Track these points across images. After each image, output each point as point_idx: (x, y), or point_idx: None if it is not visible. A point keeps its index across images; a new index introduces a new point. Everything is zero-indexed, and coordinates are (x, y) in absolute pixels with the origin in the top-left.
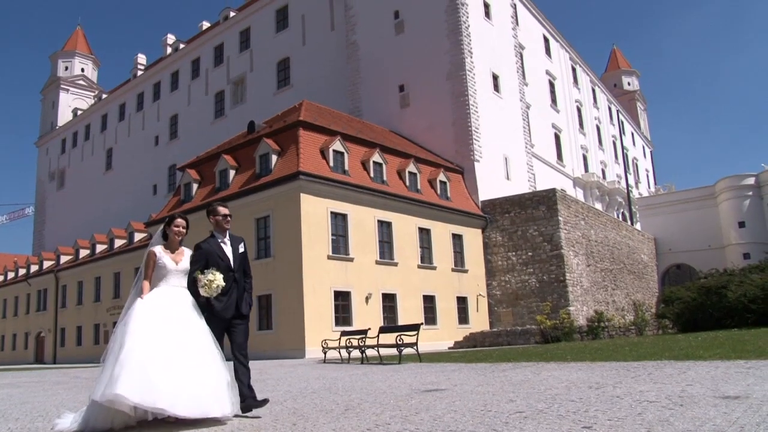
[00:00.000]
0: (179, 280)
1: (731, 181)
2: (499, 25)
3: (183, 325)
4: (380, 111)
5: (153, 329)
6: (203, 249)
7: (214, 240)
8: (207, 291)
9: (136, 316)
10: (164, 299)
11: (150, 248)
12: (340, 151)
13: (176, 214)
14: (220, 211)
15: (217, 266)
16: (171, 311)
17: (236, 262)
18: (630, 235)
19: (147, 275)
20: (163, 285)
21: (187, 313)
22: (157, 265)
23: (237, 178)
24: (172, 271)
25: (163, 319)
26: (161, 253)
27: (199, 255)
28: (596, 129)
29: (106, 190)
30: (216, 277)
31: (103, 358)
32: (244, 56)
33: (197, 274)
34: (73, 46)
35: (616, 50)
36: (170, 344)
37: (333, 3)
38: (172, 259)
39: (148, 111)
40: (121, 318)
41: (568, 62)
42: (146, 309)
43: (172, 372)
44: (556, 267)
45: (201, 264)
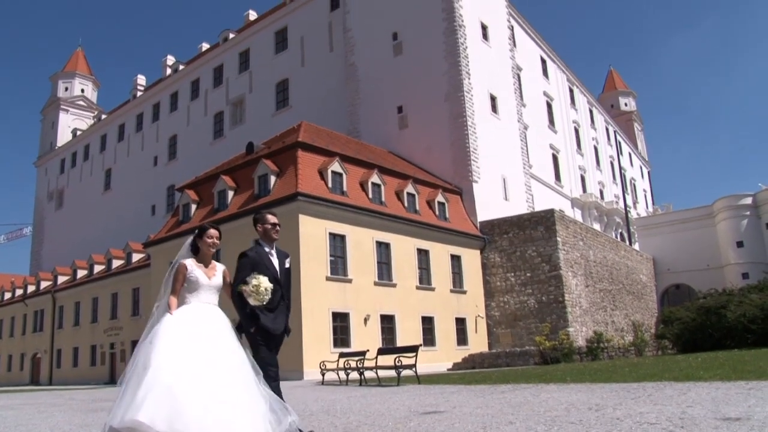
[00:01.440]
0: (211, 296)
1: (729, 201)
2: (497, 46)
3: (216, 345)
4: (379, 132)
5: (182, 349)
6: (249, 257)
7: (261, 249)
8: (256, 298)
9: (163, 333)
10: (195, 316)
11: (179, 261)
12: (339, 172)
13: (207, 224)
14: (269, 219)
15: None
16: (203, 329)
17: (283, 277)
18: (628, 255)
19: (175, 290)
20: (193, 301)
21: (220, 332)
22: (187, 279)
23: (235, 198)
24: (204, 286)
25: (194, 338)
26: (193, 266)
27: (244, 264)
28: (594, 149)
29: (104, 210)
30: (261, 280)
31: (122, 379)
32: (243, 77)
33: (241, 286)
34: (74, 67)
35: (613, 71)
36: (201, 365)
37: (332, 25)
38: (204, 273)
39: (147, 131)
40: (144, 336)
41: (566, 83)
42: (175, 326)
43: (202, 396)
44: (555, 288)
45: (246, 274)
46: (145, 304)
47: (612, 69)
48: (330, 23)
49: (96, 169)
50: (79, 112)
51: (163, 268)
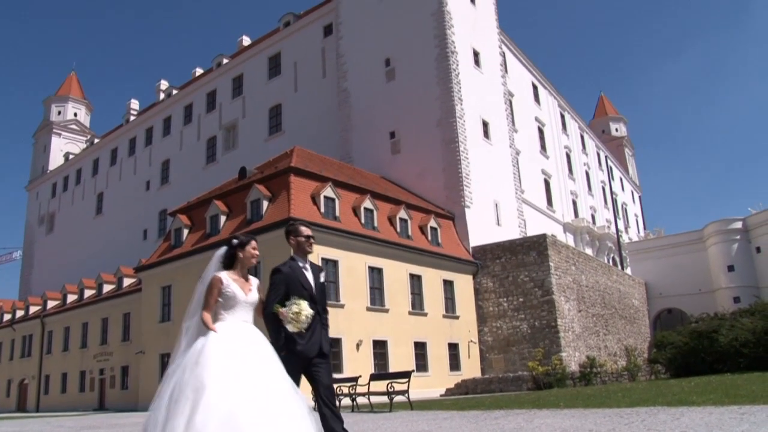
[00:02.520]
0: (248, 314)
1: (719, 226)
2: (489, 72)
3: (267, 368)
4: (371, 157)
5: (236, 371)
6: (284, 273)
7: (295, 264)
8: (296, 325)
9: (213, 353)
10: (241, 335)
11: (214, 274)
12: (331, 198)
13: (247, 235)
14: (303, 231)
15: (299, 295)
16: (251, 350)
17: (318, 293)
18: (621, 279)
19: (209, 305)
20: (229, 318)
21: (266, 352)
22: (223, 294)
23: (228, 223)
24: (241, 302)
25: (246, 360)
26: (229, 280)
27: (278, 280)
28: (585, 174)
29: (95, 234)
30: (302, 307)
31: (159, 403)
32: (236, 102)
33: (277, 307)
34: (67, 91)
35: (604, 97)
36: (257, 390)
37: (325, 51)
38: (241, 288)
39: (139, 156)
40: (180, 355)
41: (557, 109)
42: (225, 346)
43: (262, 423)
44: (548, 312)
45: (281, 292)
46: (135, 329)
47: (603, 95)
48: (323, 49)
49: (88, 193)
50: (72, 136)
51: (155, 293)
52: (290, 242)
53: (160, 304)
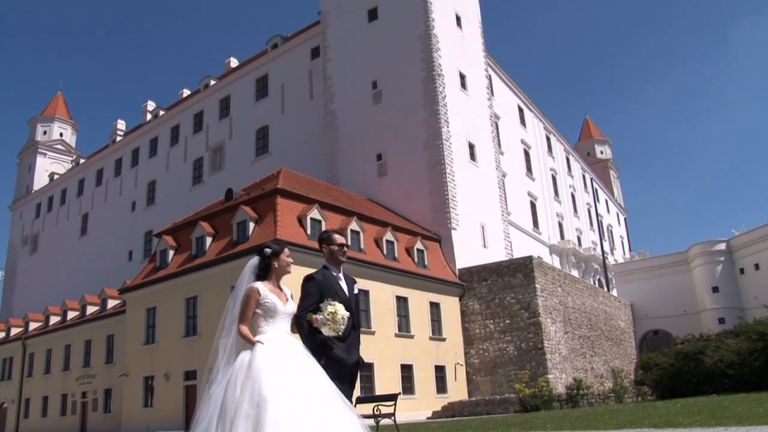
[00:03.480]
0: (286, 325)
1: (703, 247)
2: (475, 95)
3: (316, 378)
4: (358, 179)
5: (294, 384)
6: (316, 281)
7: (328, 272)
8: (332, 327)
9: (266, 366)
10: (286, 346)
11: (250, 284)
12: (318, 219)
13: (277, 242)
14: (336, 239)
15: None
16: (299, 361)
17: (353, 305)
18: (607, 301)
19: (245, 317)
20: (270, 330)
21: (313, 364)
22: (261, 305)
23: (214, 245)
24: (281, 313)
25: (297, 370)
26: (266, 290)
27: (311, 289)
28: (571, 197)
29: (80, 255)
30: (337, 307)
31: (204, 428)
32: (223, 124)
33: (309, 315)
34: (53, 111)
35: (589, 120)
36: (316, 403)
37: (312, 73)
38: (279, 298)
39: (126, 176)
40: (222, 373)
41: (543, 132)
42: (275, 357)
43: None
44: (534, 335)
45: (314, 300)
46: (119, 351)
47: (588, 117)
48: (310, 71)
49: (72, 214)
50: (57, 156)
51: (139, 315)
52: (323, 251)
53: (145, 326)
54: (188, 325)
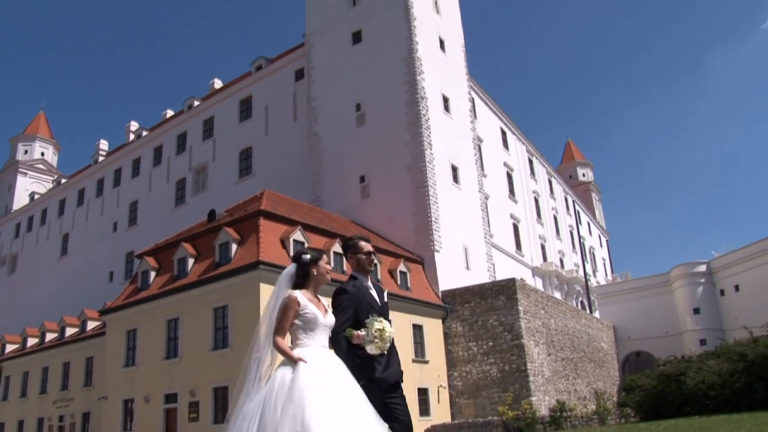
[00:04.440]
0: (325, 338)
1: (684, 269)
2: (458, 118)
3: (358, 401)
4: (341, 201)
5: (337, 407)
6: (350, 294)
7: (359, 283)
8: (379, 345)
9: (309, 386)
10: (328, 364)
11: (288, 293)
12: (301, 241)
13: (315, 249)
14: (363, 247)
15: (367, 317)
16: (341, 381)
17: (386, 315)
18: (589, 323)
19: (282, 329)
20: (310, 343)
21: (357, 390)
22: (301, 316)
23: (196, 266)
24: (321, 325)
25: (343, 395)
26: (305, 300)
27: (345, 301)
28: (554, 219)
29: (60, 276)
30: (384, 324)
31: None
32: (206, 145)
33: (350, 331)
34: (35, 130)
35: (571, 143)
36: (357, 426)
37: (296, 94)
38: (318, 309)
39: (107, 197)
40: (255, 389)
41: (525, 154)
42: (319, 377)
43: None
44: (517, 357)
45: (349, 314)
46: (98, 374)
47: (570, 140)
48: (294, 93)
49: (53, 234)
50: (38, 175)
51: (119, 337)
52: (349, 259)
53: (125, 348)
54: (169, 348)
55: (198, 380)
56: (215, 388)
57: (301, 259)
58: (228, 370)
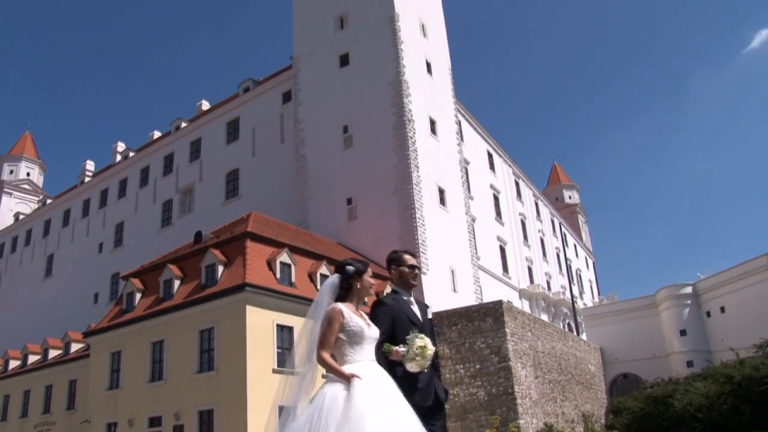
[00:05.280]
0: (371, 352)
1: (670, 291)
2: (445, 141)
3: (410, 419)
4: (328, 223)
5: (394, 425)
6: (388, 306)
7: (399, 296)
8: (420, 363)
9: (366, 404)
10: (379, 379)
11: (332, 305)
12: (287, 263)
13: (359, 260)
14: (407, 260)
15: (406, 332)
16: (394, 397)
17: (428, 333)
18: (576, 345)
19: (327, 343)
20: (357, 358)
21: (404, 400)
22: (346, 329)
23: (182, 288)
24: (367, 338)
25: (399, 414)
26: (350, 313)
27: (382, 314)
28: (540, 241)
29: (44, 297)
30: (426, 341)
31: None
32: (193, 166)
33: (388, 346)
34: (21, 151)
35: (557, 165)
36: None
37: (283, 117)
38: (364, 321)
39: (93, 218)
40: (299, 403)
41: (512, 177)
42: (374, 394)
43: None
44: (504, 379)
45: (386, 328)
46: (81, 397)
47: (556, 163)
48: (282, 115)
49: (37, 255)
50: (24, 195)
51: (104, 359)
52: (391, 272)
53: (109, 371)
54: (154, 370)
55: (183, 403)
56: (200, 411)
57: (346, 270)
58: (214, 393)
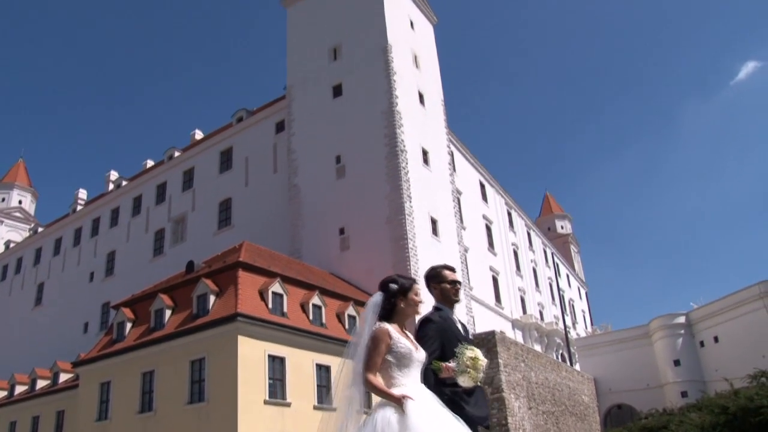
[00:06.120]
0: (419, 374)
1: (664, 321)
2: (437, 171)
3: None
4: (320, 253)
5: None
6: (437, 324)
7: (445, 314)
8: (472, 376)
9: (424, 427)
10: (432, 403)
11: (378, 325)
12: (280, 293)
13: (405, 276)
14: (447, 276)
15: (455, 352)
16: (448, 421)
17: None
18: (570, 376)
19: (374, 365)
20: (405, 381)
21: (460, 423)
22: (394, 351)
23: (173, 318)
24: (415, 361)
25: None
26: (397, 333)
27: (431, 332)
28: (533, 271)
29: (33, 327)
30: (477, 352)
31: None
32: (186, 195)
33: (437, 363)
34: (13, 178)
35: (549, 195)
36: None
37: (276, 146)
38: (411, 342)
39: (85, 246)
40: (347, 428)
41: (504, 207)
42: (430, 418)
43: None
44: (498, 411)
45: (436, 347)
46: (69, 428)
47: (548, 193)
48: (275, 145)
49: (28, 283)
50: (15, 223)
51: (93, 389)
52: (431, 289)
53: (98, 402)
54: (144, 401)
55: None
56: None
57: (389, 288)
58: (204, 425)
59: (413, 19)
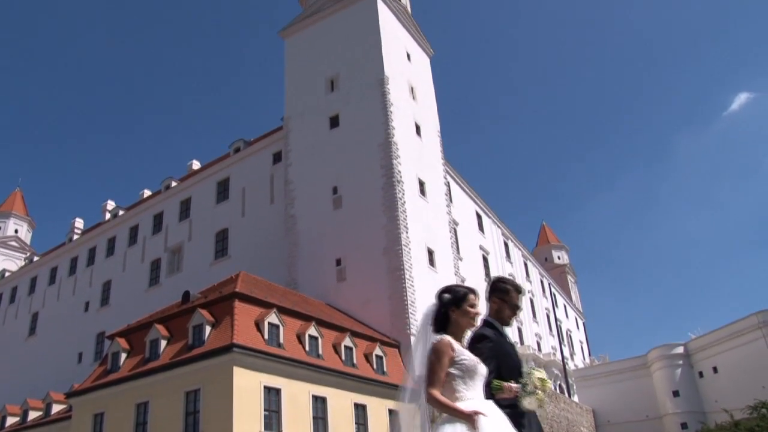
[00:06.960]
0: (482, 388)
1: (662, 351)
2: (434, 202)
3: None
4: (317, 284)
5: None
6: (493, 342)
7: (498, 331)
8: (539, 398)
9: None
10: (504, 420)
11: (439, 337)
12: (276, 324)
13: (461, 285)
14: (514, 299)
15: (511, 371)
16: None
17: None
18: (568, 407)
19: (438, 380)
20: (471, 396)
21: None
22: (458, 363)
23: (168, 348)
24: (480, 374)
25: None
26: (459, 347)
27: (488, 351)
28: (530, 302)
29: (26, 357)
30: (544, 374)
31: None
32: (183, 225)
33: (498, 383)
34: (10, 207)
35: (545, 226)
36: None
37: (273, 177)
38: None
39: (80, 276)
40: None
41: (501, 237)
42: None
43: None
44: None
45: (492, 366)
46: None
47: (544, 224)
48: (272, 175)
49: (22, 313)
50: (11, 252)
51: (86, 421)
52: (492, 302)
53: None
54: None
55: None
56: None
57: (442, 298)
58: None
59: (410, 51)
